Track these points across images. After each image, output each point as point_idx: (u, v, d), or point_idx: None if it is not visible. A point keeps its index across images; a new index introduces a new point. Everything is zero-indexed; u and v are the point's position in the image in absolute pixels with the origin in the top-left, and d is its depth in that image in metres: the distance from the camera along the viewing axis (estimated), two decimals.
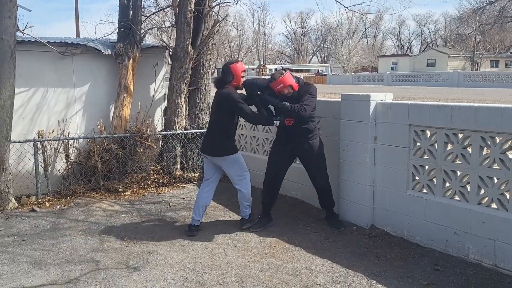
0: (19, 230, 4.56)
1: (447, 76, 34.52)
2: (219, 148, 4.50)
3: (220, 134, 4.50)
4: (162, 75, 6.90)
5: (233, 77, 4.48)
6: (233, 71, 4.48)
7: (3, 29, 4.72)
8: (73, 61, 6.06)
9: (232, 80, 4.49)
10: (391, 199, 4.36)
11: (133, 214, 5.10)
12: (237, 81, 4.50)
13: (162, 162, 6.37)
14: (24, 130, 5.78)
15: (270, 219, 4.78)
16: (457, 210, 3.80)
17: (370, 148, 4.48)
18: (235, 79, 4.49)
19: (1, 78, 4.77)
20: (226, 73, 4.50)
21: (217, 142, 4.51)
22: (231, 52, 60.24)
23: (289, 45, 78.38)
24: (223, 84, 4.52)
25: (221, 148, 4.50)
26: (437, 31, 70.29)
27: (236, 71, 4.48)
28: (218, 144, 4.50)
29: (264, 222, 4.71)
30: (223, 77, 4.52)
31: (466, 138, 3.75)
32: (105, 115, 6.31)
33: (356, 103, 4.57)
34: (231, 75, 4.48)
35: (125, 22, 6.29)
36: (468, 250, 3.73)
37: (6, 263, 3.76)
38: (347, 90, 23.34)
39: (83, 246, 4.16)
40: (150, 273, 3.59)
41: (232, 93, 4.43)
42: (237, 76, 4.49)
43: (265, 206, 4.78)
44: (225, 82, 4.51)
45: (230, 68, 4.49)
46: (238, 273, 3.61)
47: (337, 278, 3.52)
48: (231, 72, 4.48)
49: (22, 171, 5.62)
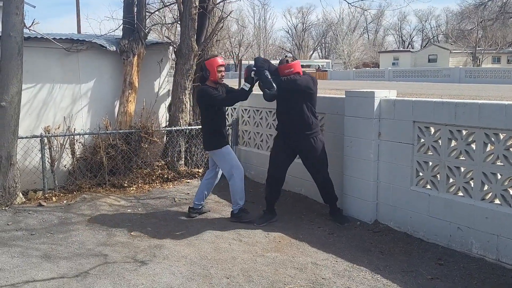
0: (27, 224, 4.62)
1: (448, 72, 34.50)
2: (205, 142, 4.82)
3: (205, 129, 4.79)
4: (166, 71, 6.94)
5: (209, 73, 4.62)
6: (208, 67, 4.62)
7: (11, 26, 4.76)
8: (78, 57, 6.10)
9: (209, 76, 4.62)
10: (395, 194, 4.42)
11: (139, 209, 5.16)
12: (213, 76, 4.62)
13: (167, 157, 6.41)
14: (31, 126, 5.84)
15: (274, 214, 4.83)
16: (460, 206, 3.85)
17: (374, 144, 4.52)
18: (211, 74, 4.61)
19: (9, 74, 4.82)
20: (203, 69, 4.70)
21: (204, 137, 4.85)
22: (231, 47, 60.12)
23: (289, 41, 78.22)
24: (204, 81, 4.71)
25: (206, 142, 4.78)
26: (438, 26, 70.18)
27: (211, 67, 4.60)
28: (204, 138, 4.84)
29: (268, 217, 4.77)
30: (202, 74, 4.72)
31: (470, 135, 3.80)
32: (110, 111, 6.35)
33: (361, 100, 4.61)
34: (207, 72, 4.63)
35: (130, 18, 6.32)
36: (471, 245, 3.78)
37: (16, 257, 3.82)
38: (348, 86, 23.35)
39: (91, 240, 4.22)
40: (157, 266, 3.65)
41: (203, 88, 4.62)
42: (213, 71, 4.61)
43: (269, 201, 4.83)
44: (205, 78, 4.69)
45: (205, 64, 4.67)
46: (244, 267, 3.67)
47: (342, 272, 3.58)
48: (207, 68, 4.63)
49: (29, 167, 5.68)
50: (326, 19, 70.32)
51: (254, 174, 6.48)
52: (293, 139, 4.62)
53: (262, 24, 71.84)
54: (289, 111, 4.55)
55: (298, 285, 3.36)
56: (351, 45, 55.02)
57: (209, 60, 4.69)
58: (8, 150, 4.97)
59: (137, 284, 3.35)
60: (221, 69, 4.64)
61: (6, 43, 4.79)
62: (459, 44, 46.54)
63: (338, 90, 19.40)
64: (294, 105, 4.50)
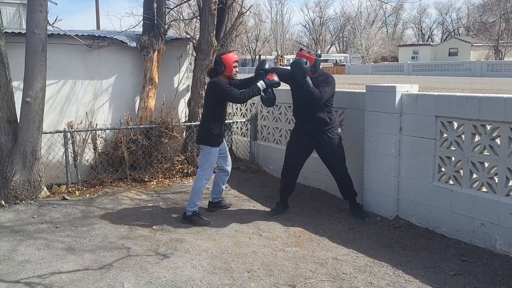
0: (51, 217, 4.73)
1: (469, 65, 33.83)
2: (200, 134, 4.72)
3: (204, 123, 4.67)
4: (185, 67, 6.98)
5: (225, 68, 4.52)
6: (225, 62, 4.51)
7: (35, 23, 4.85)
8: (100, 53, 6.18)
9: (224, 70, 4.53)
10: (416, 190, 4.37)
11: (160, 203, 5.22)
12: (229, 71, 4.53)
13: (187, 152, 6.47)
14: (54, 121, 5.95)
15: (287, 207, 4.89)
16: (484, 202, 3.79)
17: (396, 139, 4.48)
18: (227, 69, 4.52)
19: (33, 71, 4.91)
20: (218, 63, 4.56)
21: (200, 129, 4.74)
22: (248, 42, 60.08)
23: (306, 35, 77.79)
24: (215, 75, 4.59)
25: (201, 135, 4.69)
26: (459, 19, 68.75)
27: (229, 62, 4.51)
28: (200, 130, 4.74)
29: (281, 210, 4.83)
30: (215, 68, 4.60)
31: (495, 130, 3.73)
32: (131, 107, 6.43)
33: (382, 94, 4.57)
34: (223, 66, 4.51)
35: (150, 14, 6.36)
36: (495, 241, 3.73)
37: (42, 249, 3.92)
38: (367, 80, 23.12)
39: (114, 234, 4.29)
40: (179, 260, 3.70)
41: (216, 81, 4.52)
42: (229, 66, 4.51)
43: (282, 194, 4.89)
44: (217, 72, 4.57)
45: (221, 59, 4.53)
46: (265, 261, 3.69)
47: (363, 267, 3.57)
48: (223, 63, 4.51)
49: (52, 161, 5.80)
50: (344, 13, 69.80)
51: (272, 169, 6.49)
52: (310, 134, 4.64)
53: (279, 19, 71.61)
54: (307, 106, 4.56)
55: (319, 280, 3.36)
56: (370, 39, 54.41)
57: (226, 54, 4.56)
58: (33, 145, 5.08)
59: (160, 277, 3.40)
60: (236, 64, 4.61)
61: (31, 40, 4.89)
62: (481, 37, 45.53)
63: (356, 84, 19.24)
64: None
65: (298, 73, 4.41)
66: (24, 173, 5.10)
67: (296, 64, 4.43)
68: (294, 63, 4.46)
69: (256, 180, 6.21)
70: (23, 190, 5.12)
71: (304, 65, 4.37)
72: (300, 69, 4.39)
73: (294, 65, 4.46)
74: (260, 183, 6.09)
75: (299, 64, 4.39)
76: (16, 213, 4.83)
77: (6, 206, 5.00)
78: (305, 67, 4.37)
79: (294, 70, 4.45)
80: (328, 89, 4.47)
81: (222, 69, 4.52)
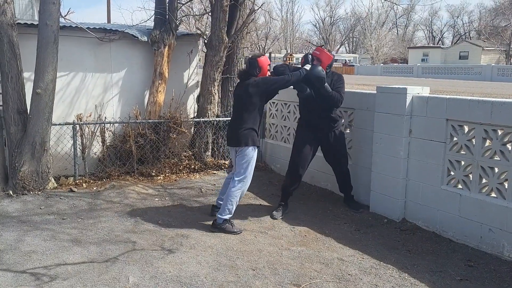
0: (58, 209, 4.75)
1: (480, 69, 33.60)
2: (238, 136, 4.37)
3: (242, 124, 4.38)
4: (195, 63, 6.98)
5: (260, 71, 4.48)
6: (261, 65, 4.48)
7: (48, 15, 4.87)
8: (110, 47, 6.19)
9: (259, 73, 4.49)
10: (424, 193, 4.34)
11: (166, 198, 5.23)
12: (263, 74, 4.51)
13: (194, 148, 6.47)
14: (64, 113, 5.98)
15: (287, 206, 4.91)
16: (493, 207, 3.76)
17: (405, 142, 4.45)
18: (261, 72, 4.50)
19: (45, 62, 4.93)
20: (253, 66, 4.49)
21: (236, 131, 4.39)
22: (258, 40, 59.98)
23: (316, 34, 77.44)
24: (248, 77, 4.49)
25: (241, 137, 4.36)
26: (471, 22, 68.04)
27: (263, 65, 4.49)
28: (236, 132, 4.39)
29: (284, 210, 4.85)
30: (250, 70, 4.52)
31: (506, 135, 3.69)
32: (140, 101, 6.44)
33: (392, 96, 4.54)
34: (258, 69, 4.48)
35: (162, 9, 6.36)
36: (503, 248, 3.69)
37: (48, 240, 3.94)
38: (376, 81, 23.01)
39: (119, 227, 4.31)
40: (184, 255, 3.70)
41: (263, 77, 4.48)
42: (264, 69, 4.50)
43: (285, 192, 4.90)
44: (251, 74, 4.50)
45: (258, 61, 4.48)
46: (270, 259, 3.69)
47: (368, 269, 3.55)
48: (259, 66, 4.48)
49: (61, 153, 5.83)
50: (354, 13, 69.38)
51: (279, 167, 6.48)
52: (320, 130, 4.77)
53: (289, 17, 71.39)
54: (322, 106, 4.68)
55: (324, 280, 3.35)
56: (380, 40, 54.13)
57: (263, 58, 4.53)
58: (42, 136, 5.11)
59: (165, 271, 3.40)
60: (269, 68, 4.62)
61: (43, 32, 4.91)
62: (492, 41, 45.18)
63: (365, 85, 19.16)
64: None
65: (317, 81, 4.52)
66: (32, 164, 5.13)
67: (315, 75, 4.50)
68: (314, 75, 4.50)
69: (263, 178, 6.21)
70: (31, 181, 5.15)
71: (322, 73, 4.51)
72: (318, 78, 4.51)
73: (314, 76, 4.51)
74: (267, 181, 6.08)
75: (318, 72, 4.50)
76: (23, 204, 4.86)
77: (14, 196, 5.04)
78: (323, 74, 4.51)
79: (313, 79, 4.52)
80: (344, 89, 4.71)
81: (257, 71, 4.48)
